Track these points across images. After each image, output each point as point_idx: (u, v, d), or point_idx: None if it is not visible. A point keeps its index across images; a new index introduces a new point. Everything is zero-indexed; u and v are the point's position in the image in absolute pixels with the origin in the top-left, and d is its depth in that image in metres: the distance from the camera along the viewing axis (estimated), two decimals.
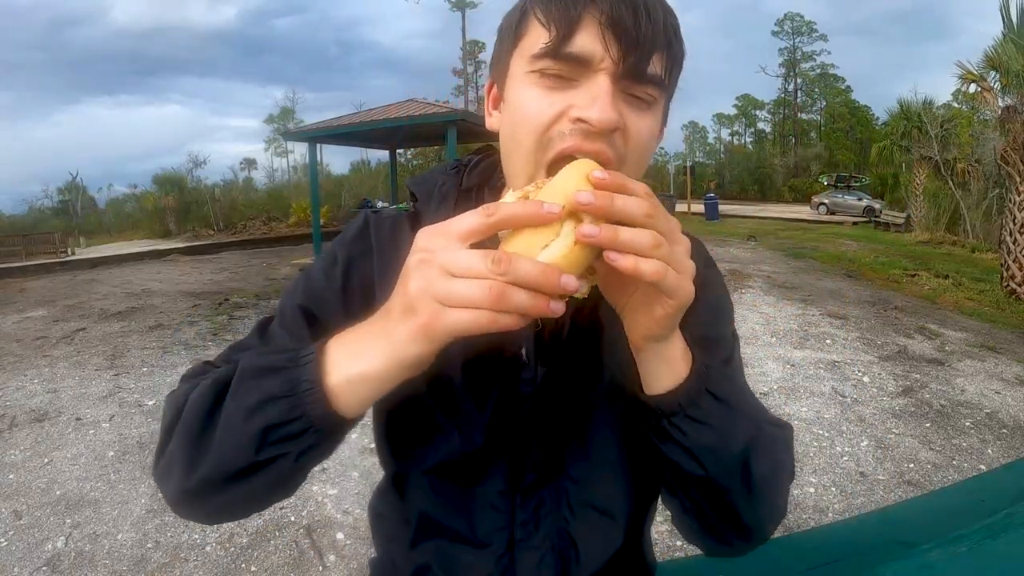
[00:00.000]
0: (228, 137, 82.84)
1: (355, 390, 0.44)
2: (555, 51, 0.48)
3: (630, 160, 0.51)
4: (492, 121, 0.58)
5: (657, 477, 0.59)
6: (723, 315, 0.65)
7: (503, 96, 0.55)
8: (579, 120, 0.48)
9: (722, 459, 0.51)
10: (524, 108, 0.50)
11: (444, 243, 0.40)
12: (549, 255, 0.39)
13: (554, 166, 0.48)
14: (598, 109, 0.47)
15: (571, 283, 0.38)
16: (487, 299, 0.38)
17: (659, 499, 0.67)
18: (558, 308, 0.39)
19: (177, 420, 0.49)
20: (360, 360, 0.43)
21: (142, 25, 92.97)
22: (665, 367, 0.50)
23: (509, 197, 0.44)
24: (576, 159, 0.45)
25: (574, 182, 0.41)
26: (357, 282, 0.60)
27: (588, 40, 0.47)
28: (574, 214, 0.40)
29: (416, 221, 0.62)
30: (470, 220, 0.40)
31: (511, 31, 0.53)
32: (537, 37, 0.49)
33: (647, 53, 0.48)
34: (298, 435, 0.44)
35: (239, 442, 0.45)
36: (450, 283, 0.39)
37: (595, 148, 0.48)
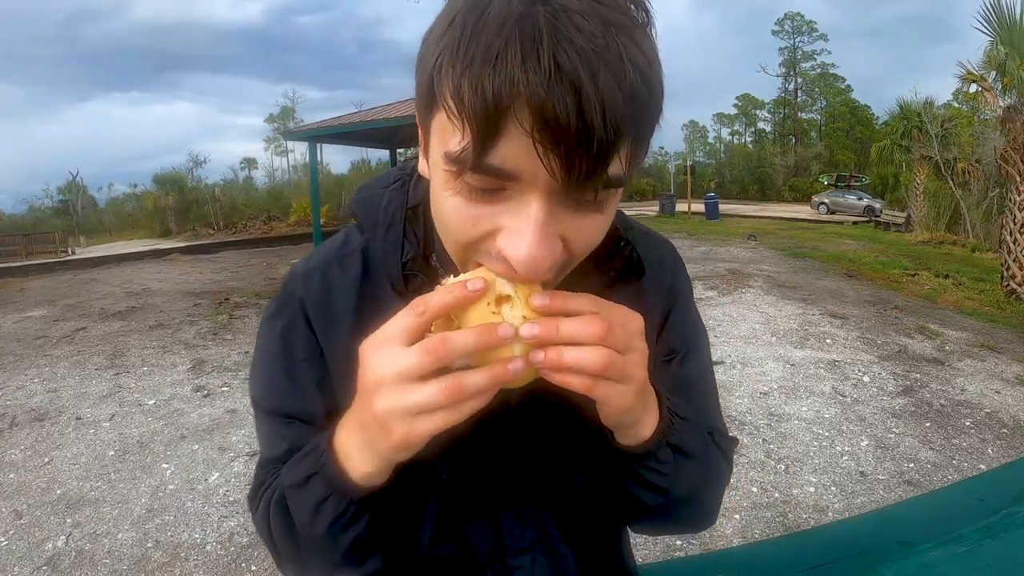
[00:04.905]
0: (236, 136, 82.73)
1: (370, 480, 0.48)
2: (473, 163, 0.37)
3: (577, 259, 0.45)
4: (422, 166, 0.49)
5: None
6: (689, 327, 0.67)
7: (426, 158, 0.46)
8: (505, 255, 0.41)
9: (671, 498, 0.55)
10: (446, 216, 0.43)
11: (389, 355, 0.42)
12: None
13: None
14: (525, 250, 0.39)
15: (508, 331, 0.40)
16: (447, 398, 0.40)
17: None
18: (516, 368, 0.40)
19: (273, 541, 0.56)
20: (359, 465, 0.47)
21: (165, 20, 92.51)
22: (631, 437, 0.51)
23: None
24: None
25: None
26: (304, 354, 0.59)
27: (514, 152, 0.36)
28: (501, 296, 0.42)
29: (367, 252, 0.59)
30: (404, 322, 0.42)
31: (424, 93, 0.41)
32: (450, 128, 0.38)
33: (599, 158, 0.36)
34: (355, 519, 0.49)
35: (321, 545, 0.51)
36: (409, 396, 0.40)
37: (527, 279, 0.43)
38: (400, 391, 0.41)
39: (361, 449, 0.46)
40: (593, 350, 0.41)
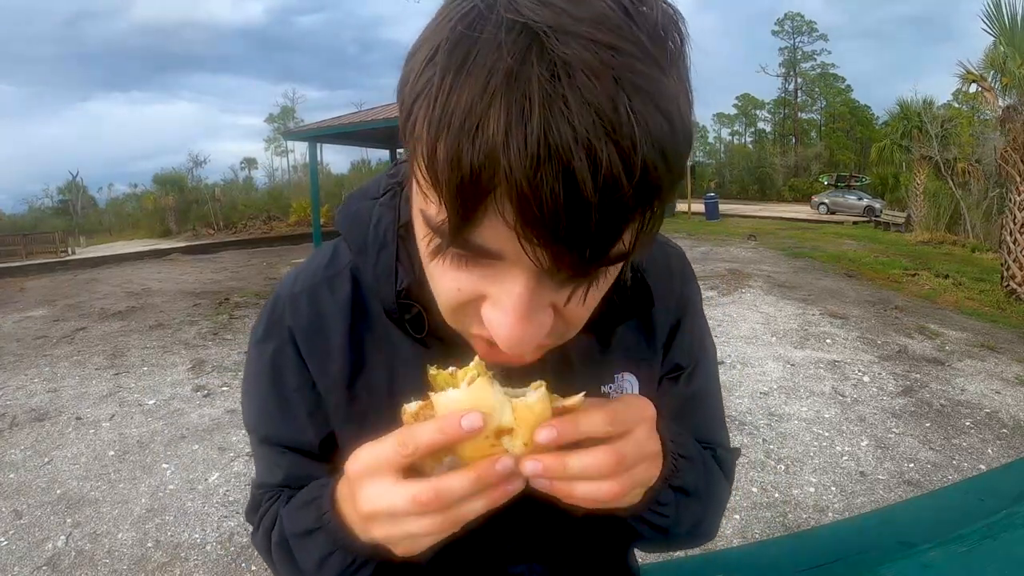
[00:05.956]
0: (236, 136, 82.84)
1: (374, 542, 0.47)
2: (450, 240, 0.33)
3: (576, 327, 0.41)
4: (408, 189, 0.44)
5: None
6: (696, 340, 0.64)
7: (411, 199, 0.40)
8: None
9: (671, 533, 0.55)
10: (429, 275, 0.40)
11: (380, 489, 0.40)
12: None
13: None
14: (507, 330, 0.35)
15: (508, 465, 0.38)
16: (445, 526, 0.39)
17: None
18: (516, 488, 0.39)
19: (275, 568, 0.56)
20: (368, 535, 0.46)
21: (165, 20, 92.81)
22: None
23: (412, 408, 0.41)
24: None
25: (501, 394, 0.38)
26: (295, 383, 0.56)
27: (497, 234, 0.32)
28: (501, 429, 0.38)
29: (357, 272, 0.55)
30: (392, 457, 0.39)
31: (403, 130, 0.35)
32: (425, 194, 0.33)
33: (595, 254, 0.32)
34: (361, 567, 0.49)
35: None
36: (406, 526, 0.40)
37: (515, 356, 0.40)
38: (395, 523, 0.40)
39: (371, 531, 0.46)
40: (604, 482, 0.39)
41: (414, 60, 0.34)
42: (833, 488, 3.02)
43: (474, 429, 0.36)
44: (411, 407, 0.41)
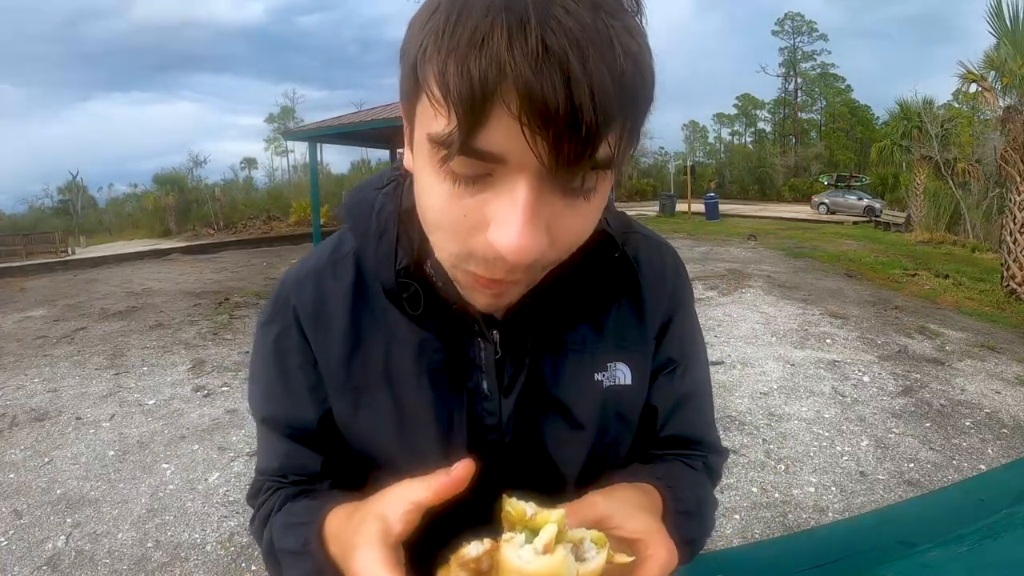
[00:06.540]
0: (236, 136, 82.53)
1: None
2: (459, 147, 0.36)
3: (563, 253, 0.44)
4: (407, 160, 0.47)
5: None
6: (687, 338, 0.65)
7: (411, 149, 0.44)
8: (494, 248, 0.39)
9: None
10: (436, 210, 0.41)
11: None
12: None
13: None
14: (514, 237, 0.38)
15: None
16: None
17: None
18: None
19: (267, 566, 0.58)
20: None
21: (166, 20, 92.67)
22: None
23: (474, 552, 0.39)
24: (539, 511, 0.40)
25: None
26: (298, 361, 0.58)
27: (501, 135, 0.35)
28: None
29: (360, 257, 0.57)
30: None
31: (408, 80, 0.40)
32: (434, 113, 0.37)
33: (588, 142, 0.35)
34: None
35: None
36: None
37: (516, 279, 0.43)
38: None
39: None
40: None
41: (419, 17, 0.39)
42: (833, 488, 3.02)
43: None
44: (472, 551, 0.39)
